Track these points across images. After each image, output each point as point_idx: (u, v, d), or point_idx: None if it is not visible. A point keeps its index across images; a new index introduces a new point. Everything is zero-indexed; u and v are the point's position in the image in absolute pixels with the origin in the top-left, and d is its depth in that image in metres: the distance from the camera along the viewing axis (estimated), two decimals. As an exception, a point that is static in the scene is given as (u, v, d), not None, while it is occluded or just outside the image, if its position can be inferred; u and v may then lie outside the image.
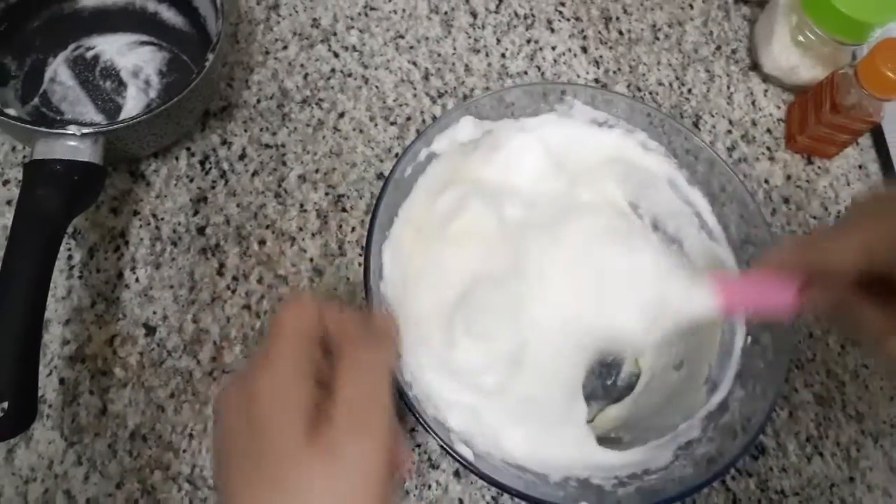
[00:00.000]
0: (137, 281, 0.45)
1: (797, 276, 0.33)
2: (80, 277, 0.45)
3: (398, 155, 0.41)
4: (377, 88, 0.54)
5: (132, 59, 0.51)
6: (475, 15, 0.59)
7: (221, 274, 0.46)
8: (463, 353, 0.39)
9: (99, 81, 0.50)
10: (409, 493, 0.42)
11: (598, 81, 0.58)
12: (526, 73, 0.57)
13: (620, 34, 0.61)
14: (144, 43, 0.52)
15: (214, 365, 0.44)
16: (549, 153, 0.44)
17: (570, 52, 0.59)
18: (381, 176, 0.51)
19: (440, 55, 0.57)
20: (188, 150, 0.50)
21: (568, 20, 0.61)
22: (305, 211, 0.49)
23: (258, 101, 0.52)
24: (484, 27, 0.59)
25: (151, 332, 0.44)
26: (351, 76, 0.54)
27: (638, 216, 0.48)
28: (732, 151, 0.57)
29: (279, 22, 0.56)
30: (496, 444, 0.37)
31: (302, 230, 0.48)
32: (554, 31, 0.60)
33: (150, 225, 0.47)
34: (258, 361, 0.30)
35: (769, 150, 0.58)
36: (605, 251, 0.39)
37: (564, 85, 0.46)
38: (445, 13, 0.59)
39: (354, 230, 0.49)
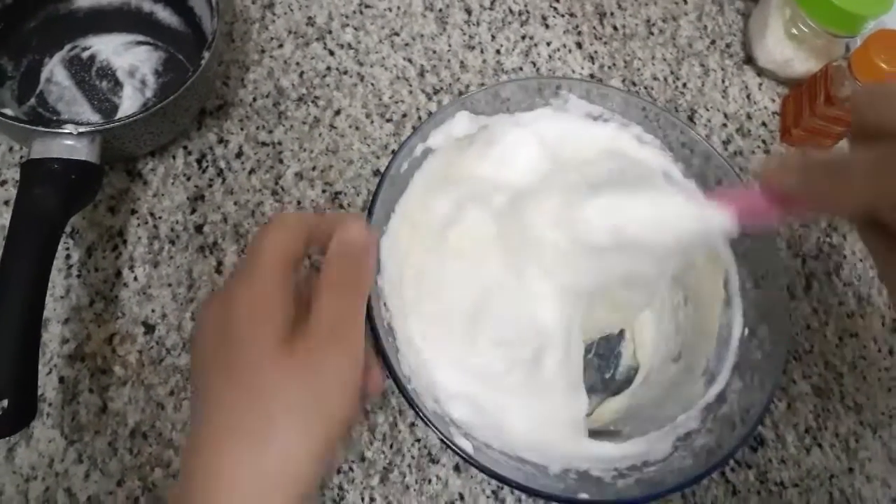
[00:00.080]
0: (136, 279, 0.45)
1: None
2: (78, 276, 0.45)
3: (394, 151, 0.41)
4: (373, 86, 0.54)
5: (128, 58, 0.51)
6: (470, 12, 0.59)
7: (220, 272, 0.46)
8: (486, 359, 0.39)
9: (95, 81, 0.50)
10: (409, 488, 0.43)
11: (592, 77, 0.58)
12: (521, 69, 0.58)
13: (615, 29, 0.61)
14: (140, 43, 0.52)
15: (213, 362, 0.44)
16: (544, 147, 0.44)
17: (564, 47, 0.59)
18: (377, 173, 0.51)
19: (435, 52, 0.57)
20: (185, 148, 0.50)
21: (562, 16, 0.61)
22: (303, 208, 0.49)
23: (254, 99, 0.52)
24: (479, 24, 0.59)
25: (150, 330, 0.44)
26: (346, 74, 0.55)
27: None
28: (728, 145, 0.57)
29: (274, 20, 0.56)
30: (498, 434, 0.37)
31: (299, 227, 0.48)
32: (548, 27, 0.60)
33: (147, 223, 0.47)
34: (238, 276, 0.31)
35: (764, 143, 0.58)
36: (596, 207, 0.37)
37: (559, 79, 0.46)
38: (440, 10, 0.59)
39: (352, 227, 0.49)
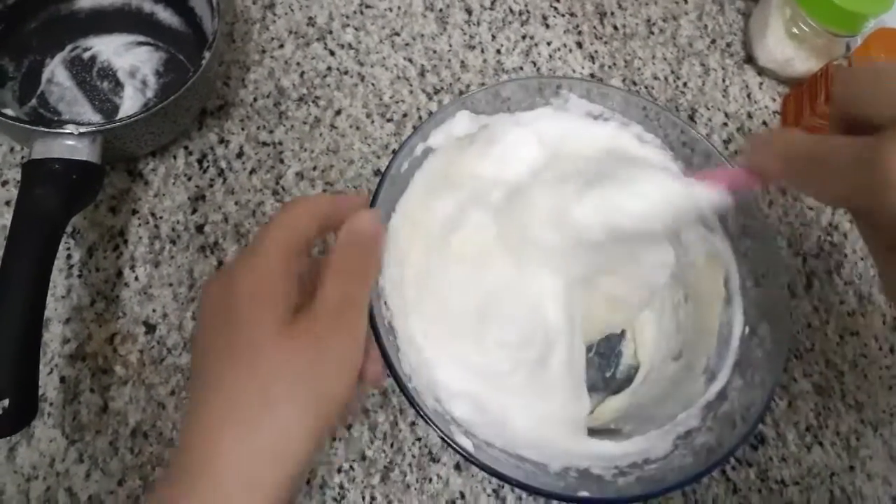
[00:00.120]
0: (137, 279, 0.46)
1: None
2: (79, 276, 0.45)
3: (395, 151, 0.41)
4: (373, 86, 0.55)
5: (129, 59, 0.51)
6: (470, 12, 0.59)
7: (220, 271, 0.46)
8: (491, 359, 0.39)
9: (96, 82, 0.50)
10: (410, 486, 0.43)
11: (593, 76, 0.58)
12: (521, 68, 0.58)
13: (615, 29, 0.61)
14: (141, 43, 0.52)
15: (214, 362, 0.44)
16: (544, 146, 0.44)
17: (565, 47, 0.59)
18: (378, 172, 0.51)
19: (436, 52, 0.57)
20: (186, 148, 0.50)
21: (563, 16, 0.61)
22: (303, 208, 0.49)
23: (255, 99, 0.53)
24: (479, 24, 0.59)
25: (151, 329, 0.44)
26: (347, 74, 0.55)
27: None
28: (728, 144, 0.57)
29: (275, 21, 0.56)
30: (500, 432, 0.37)
31: (300, 227, 0.49)
32: (549, 26, 0.60)
33: (148, 223, 0.47)
34: (242, 258, 0.31)
35: (765, 142, 0.58)
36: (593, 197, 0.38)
37: (560, 79, 0.46)
38: (440, 10, 0.59)
39: (352, 226, 0.49)
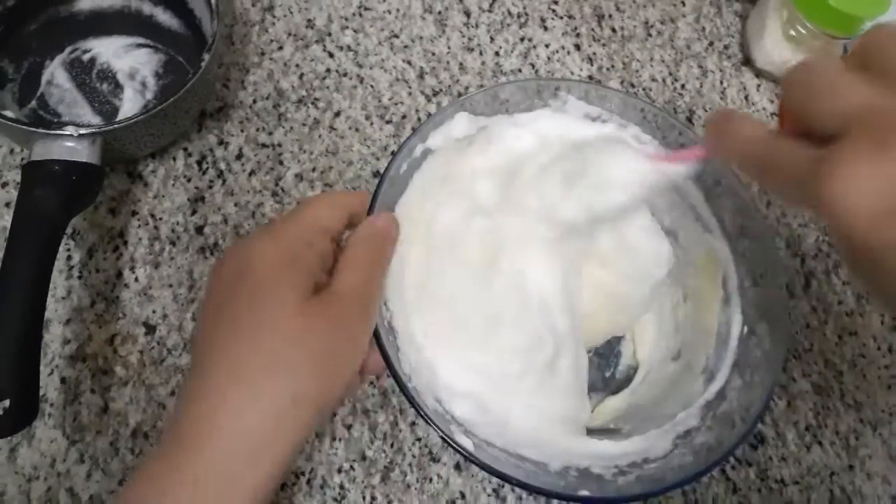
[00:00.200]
0: (137, 280, 0.46)
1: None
2: (79, 277, 0.45)
3: (394, 152, 0.41)
4: (372, 87, 0.55)
5: (128, 61, 0.51)
6: (469, 14, 0.60)
7: (220, 273, 0.46)
8: (496, 361, 0.39)
9: (95, 84, 0.50)
10: (410, 486, 0.43)
11: (591, 78, 0.59)
12: (520, 70, 0.58)
13: (613, 31, 0.61)
14: (140, 45, 0.52)
15: (214, 363, 0.44)
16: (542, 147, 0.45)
17: (563, 49, 0.60)
18: (377, 174, 0.51)
19: (434, 54, 0.57)
20: (185, 150, 0.50)
21: (561, 18, 0.61)
22: (303, 209, 0.49)
23: (254, 101, 0.53)
24: (478, 26, 0.59)
25: (151, 330, 0.44)
26: (346, 76, 0.55)
27: None
28: (726, 145, 0.57)
29: (274, 23, 0.56)
30: (501, 432, 0.37)
31: (300, 228, 0.49)
32: (547, 29, 0.60)
33: (148, 225, 0.47)
34: (263, 231, 0.31)
35: (763, 143, 0.58)
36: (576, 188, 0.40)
37: (558, 81, 0.46)
38: (439, 13, 0.59)
39: (352, 228, 0.49)
